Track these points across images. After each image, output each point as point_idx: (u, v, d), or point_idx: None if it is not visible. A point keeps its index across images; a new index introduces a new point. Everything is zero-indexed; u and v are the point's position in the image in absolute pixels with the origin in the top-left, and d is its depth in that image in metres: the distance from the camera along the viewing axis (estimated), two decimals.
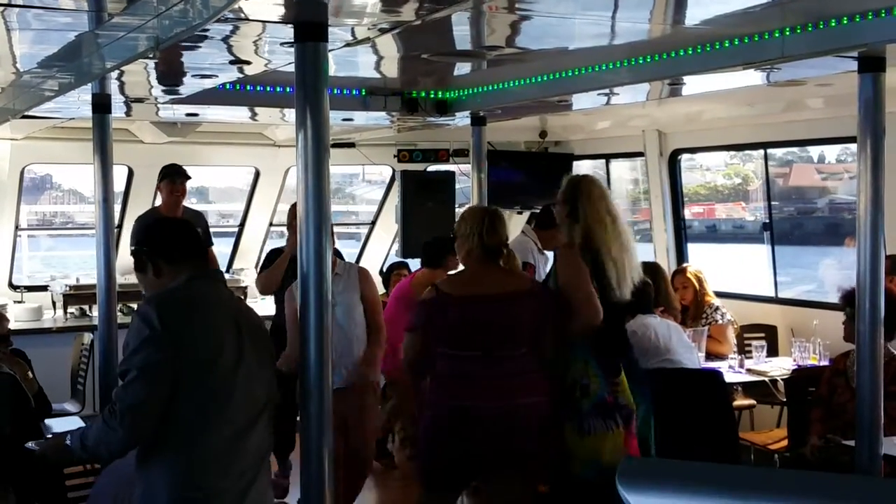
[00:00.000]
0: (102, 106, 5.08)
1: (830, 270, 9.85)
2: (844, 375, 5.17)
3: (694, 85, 5.29)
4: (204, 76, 4.76)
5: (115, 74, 4.65)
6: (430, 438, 4.24)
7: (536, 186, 8.60)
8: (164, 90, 5.37)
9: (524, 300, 4.21)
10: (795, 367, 6.26)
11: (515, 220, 8.95)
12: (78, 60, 4.49)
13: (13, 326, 6.53)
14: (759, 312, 7.50)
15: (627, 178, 10.22)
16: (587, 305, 4.27)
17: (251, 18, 3.33)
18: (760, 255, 8.08)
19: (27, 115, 6.14)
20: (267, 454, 3.27)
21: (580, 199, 4.40)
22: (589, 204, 4.39)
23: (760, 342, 6.81)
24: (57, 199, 16.39)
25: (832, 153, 11.50)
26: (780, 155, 11.21)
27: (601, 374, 4.35)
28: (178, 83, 5.07)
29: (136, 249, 3.29)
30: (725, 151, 10.27)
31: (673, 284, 6.80)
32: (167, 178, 7.39)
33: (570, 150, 9.33)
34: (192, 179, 7.53)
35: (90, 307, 8.05)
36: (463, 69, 5.49)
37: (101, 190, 5.05)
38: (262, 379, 3.21)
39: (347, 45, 3.76)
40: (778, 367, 6.47)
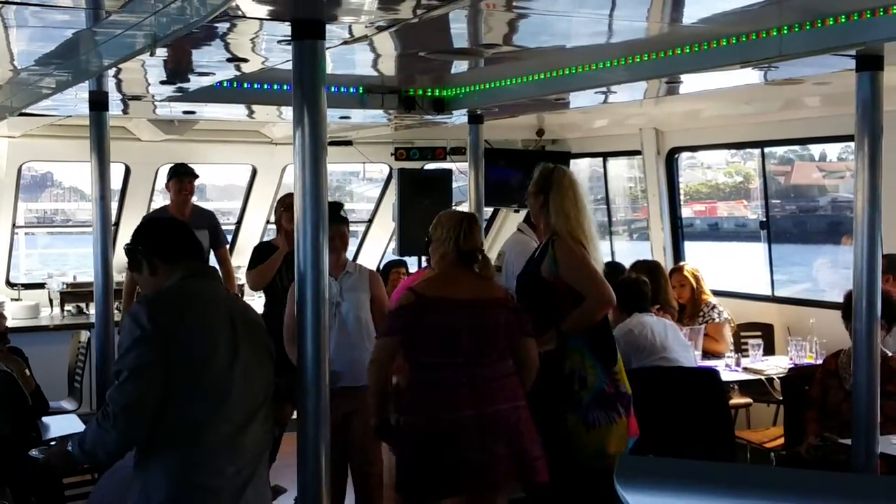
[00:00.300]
0: (100, 103, 5.08)
1: (833, 269, 9.83)
2: (837, 376, 5.17)
3: (691, 83, 5.28)
4: (201, 74, 4.76)
5: (112, 72, 4.65)
6: (411, 448, 4.11)
7: None
8: (161, 87, 5.37)
9: (500, 308, 4.20)
10: (792, 365, 6.27)
11: (513, 218, 8.95)
12: (75, 58, 4.49)
13: (10, 324, 6.51)
14: (755, 311, 7.50)
15: (628, 175, 10.22)
16: (604, 286, 4.42)
17: (248, 16, 3.33)
18: (760, 253, 8.08)
19: (24, 112, 6.13)
20: (265, 451, 3.26)
21: (552, 189, 4.52)
22: (559, 192, 4.50)
23: (757, 341, 6.80)
24: (58, 196, 16.39)
25: (833, 151, 11.42)
26: (781, 153, 11.18)
27: (598, 364, 4.41)
28: (176, 81, 5.07)
29: (130, 248, 3.27)
30: (724, 150, 10.27)
31: (670, 283, 6.81)
32: (175, 177, 7.38)
33: (567, 148, 9.32)
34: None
35: (87, 305, 8.05)
36: (460, 67, 5.49)
37: (98, 187, 5.06)
38: (259, 376, 3.21)
39: (345, 42, 3.76)
40: (774, 365, 6.48)
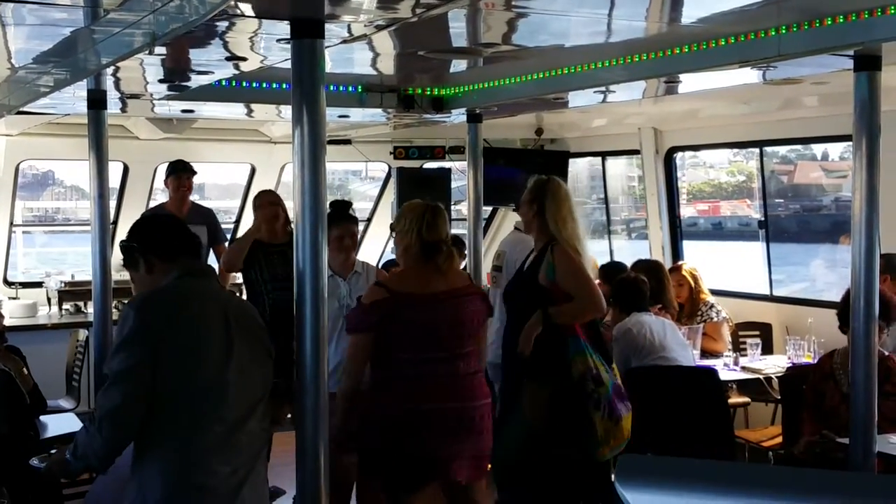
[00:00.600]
0: (98, 102, 5.07)
1: (839, 268, 9.79)
2: (832, 378, 5.12)
3: (690, 83, 5.28)
4: (200, 72, 4.76)
5: (110, 70, 4.64)
6: (386, 441, 4.05)
7: None
8: (160, 86, 5.36)
9: (471, 299, 4.22)
10: (790, 364, 6.28)
11: (511, 217, 8.94)
12: (73, 56, 4.48)
13: (8, 323, 6.50)
14: (753, 310, 7.50)
15: (630, 174, 10.21)
16: (598, 295, 4.67)
17: (247, 15, 3.33)
18: (760, 252, 8.08)
19: (22, 110, 6.12)
20: (262, 449, 3.24)
21: (547, 198, 4.74)
22: (555, 203, 4.73)
23: (755, 340, 6.82)
24: (59, 195, 16.41)
25: (836, 150, 11.30)
26: (784, 152, 11.14)
27: (605, 362, 4.64)
28: (174, 79, 5.07)
29: (126, 246, 3.24)
30: (723, 149, 10.24)
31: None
32: (173, 173, 7.38)
33: (566, 147, 9.32)
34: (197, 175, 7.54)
35: (85, 304, 8.05)
36: (459, 66, 5.48)
37: (96, 186, 5.06)
38: (255, 374, 3.19)
39: (344, 41, 3.76)
40: (772, 364, 6.49)
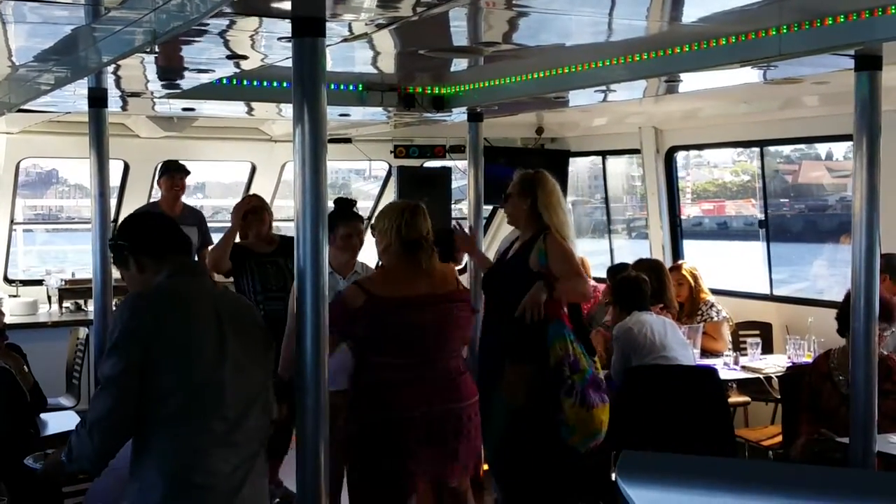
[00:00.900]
0: (99, 100, 5.07)
1: (840, 268, 9.78)
2: (830, 379, 5.11)
3: (691, 82, 5.28)
4: (200, 70, 4.76)
5: (111, 69, 4.64)
6: (365, 449, 3.99)
7: None
8: (161, 84, 5.37)
9: (457, 302, 4.13)
10: (790, 364, 6.28)
11: None
12: (74, 54, 4.48)
13: (8, 320, 6.50)
14: (754, 310, 7.51)
15: (634, 173, 10.20)
16: (585, 279, 4.87)
17: (248, 13, 3.33)
18: (760, 252, 8.08)
19: (23, 108, 6.13)
20: (261, 446, 3.21)
21: (539, 190, 4.85)
22: (545, 194, 4.85)
23: (755, 339, 6.81)
24: (63, 193, 16.42)
25: (839, 150, 11.21)
26: (788, 152, 11.11)
27: (585, 352, 4.70)
28: (174, 77, 5.07)
29: (116, 244, 3.21)
30: (725, 148, 10.23)
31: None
32: (167, 173, 7.40)
33: (566, 146, 9.33)
34: (191, 175, 7.54)
35: (86, 301, 8.05)
36: (460, 65, 5.48)
37: (97, 184, 5.06)
38: (252, 370, 3.15)
39: (345, 40, 3.76)
40: (772, 364, 6.49)
